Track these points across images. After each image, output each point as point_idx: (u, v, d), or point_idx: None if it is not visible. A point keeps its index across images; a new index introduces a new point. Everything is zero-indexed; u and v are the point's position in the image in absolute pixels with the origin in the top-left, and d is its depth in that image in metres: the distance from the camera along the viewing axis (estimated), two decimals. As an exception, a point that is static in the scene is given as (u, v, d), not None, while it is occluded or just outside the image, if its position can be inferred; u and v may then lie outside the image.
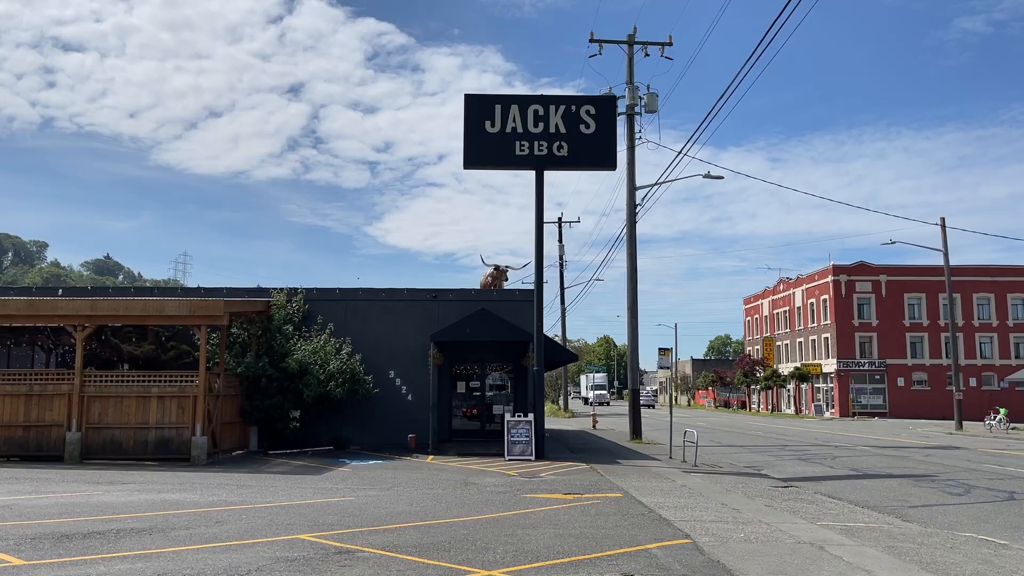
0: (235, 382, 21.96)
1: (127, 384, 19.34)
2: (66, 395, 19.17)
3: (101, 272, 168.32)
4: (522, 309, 24.61)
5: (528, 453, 21.12)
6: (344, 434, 24.01)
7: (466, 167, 22.58)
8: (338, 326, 24.47)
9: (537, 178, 22.54)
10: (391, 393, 24.76)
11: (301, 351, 22.87)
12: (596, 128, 22.36)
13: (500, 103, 22.40)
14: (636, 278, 31.02)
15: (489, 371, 26.82)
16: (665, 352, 23.18)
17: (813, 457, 24.14)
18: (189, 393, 19.24)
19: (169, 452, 19.16)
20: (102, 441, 19.20)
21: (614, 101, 23.34)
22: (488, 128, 22.26)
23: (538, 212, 22.60)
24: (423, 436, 23.36)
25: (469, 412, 26.91)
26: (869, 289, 70.24)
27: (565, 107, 22.38)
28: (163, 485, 14.97)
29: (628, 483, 16.36)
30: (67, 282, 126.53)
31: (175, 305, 19.50)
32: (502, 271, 32.12)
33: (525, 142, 22.18)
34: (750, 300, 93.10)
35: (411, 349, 24.59)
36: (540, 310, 22.31)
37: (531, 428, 21.38)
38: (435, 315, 24.89)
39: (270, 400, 22.32)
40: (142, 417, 19.21)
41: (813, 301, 74.78)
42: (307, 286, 25.24)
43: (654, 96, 32.36)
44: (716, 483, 16.84)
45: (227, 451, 21.31)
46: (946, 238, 45.63)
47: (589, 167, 23.01)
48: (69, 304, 19.36)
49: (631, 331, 30.74)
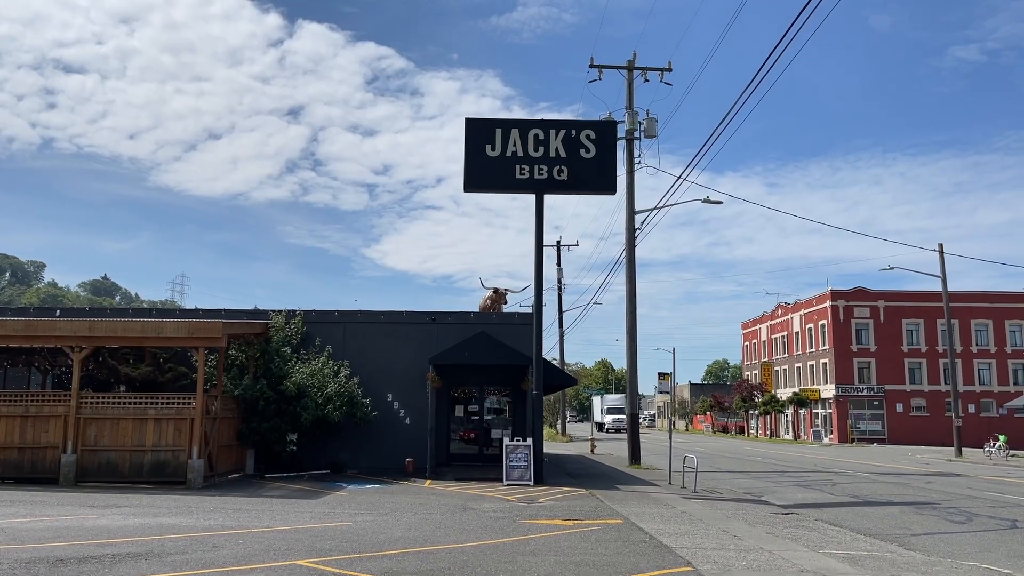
0: (232, 404, 21.84)
1: (124, 406, 19.22)
2: (62, 417, 19.03)
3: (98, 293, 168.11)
4: (521, 332, 24.55)
5: (527, 478, 20.97)
6: (341, 458, 23.84)
7: (467, 190, 22.63)
8: (336, 348, 24.38)
9: (537, 202, 22.58)
10: (389, 416, 24.63)
11: (299, 373, 22.77)
12: (596, 152, 22.43)
13: (500, 127, 22.50)
14: (635, 301, 31.01)
15: (487, 394, 26.73)
16: (664, 377, 23.09)
17: (813, 483, 23.99)
18: (186, 415, 19.12)
19: (165, 475, 18.99)
20: (98, 463, 19.04)
21: (614, 126, 23.45)
22: (488, 152, 22.33)
23: (538, 236, 22.61)
24: (421, 460, 23.20)
25: (467, 436, 26.77)
26: (867, 315, 70.26)
27: (565, 131, 22.48)
28: (159, 509, 14.82)
29: (628, 509, 16.23)
30: (64, 302, 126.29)
31: (173, 327, 19.42)
32: (501, 294, 32.05)
33: (525, 166, 22.24)
34: (748, 325, 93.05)
35: (409, 372, 24.50)
36: (539, 334, 22.26)
37: (530, 453, 21.24)
38: (434, 338, 24.82)
39: (267, 423, 22.18)
40: (138, 439, 19.06)
41: (811, 326, 74.75)
42: (305, 308, 25.19)
43: (653, 121, 32.53)
44: (716, 509, 16.71)
45: (223, 474, 21.14)
46: (944, 264, 45.73)
47: (589, 191, 23.06)
48: (67, 325, 19.28)
49: (630, 355, 30.66)
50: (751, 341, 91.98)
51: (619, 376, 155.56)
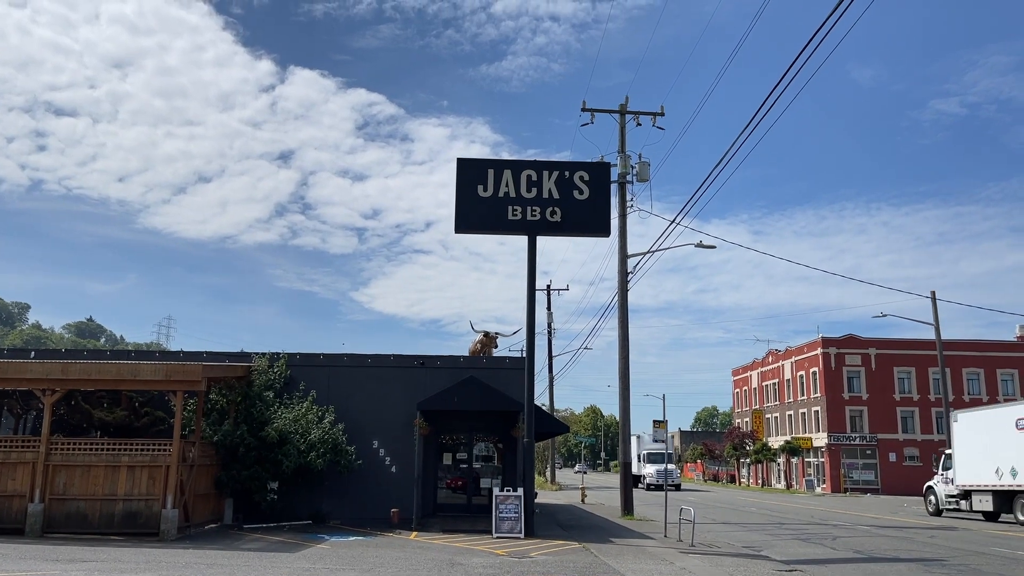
0: (211, 451, 20.96)
1: (95, 452, 18.32)
2: (30, 463, 18.10)
3: (83, 335, 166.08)
4: (512, 377, 23.85)
5: (517, 530, 20.10)
6: (324, 508, 22.89)
7: (458, 231, 22.13)
8: (321, 393, 23.59)
9: (530, 243, 22.09)
10: (374, 464, 23.75)
11: (281, 419, 21.94)
12: (590, 194, 22.04)
13: (493, 167, 22.12)
14: (628, 346, 30.38)
15: (476, 441, 25.92)
16: (660, 424, 22.40)
17: (812, 537, 23.18)
18: (161, 463, 18.23)
19: (137, 526, 18.03)
20: (66, 513, 18.06)
21: (608, 167, 23.13)
22: (480, 192, 21.91)
23: (530, 278, 22.07)
24: (407, 511, 22.28)
25: (455, 484, 25.87)
26: (859, 362, 69.81)
27: (559, 173, 22.10)
28: (126, 564, 13.92)
29: (624, 565, 15.41)
30: (47, 344, 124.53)
31: (150, 369, 18.63)
32: (492, 337, 31.38)
33: (518, 207, 21.81)
34: (739, 371, 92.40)
35: (396, 418, 23.70)
36: (531, 379, 21.58)
37: (520, 503, 20.40)
38: (422, 383, 24.07)
39: (247, 471, 21.29)
40: (110, 488, 18.13)
41: (803, 374, 74.20)
42: (291, 351, 24.43)
43: (646, 165, 32.32)
44: (716, 566, 15.91)
45: (200, 524, 20.17)
46: (937, 311, 45.45)
47: (582, 233, 22.61)
48: (40, 367, 18.46)
49: (623, 401, 29.92)
50: (742, 388, 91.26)
51: (608, 423, 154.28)
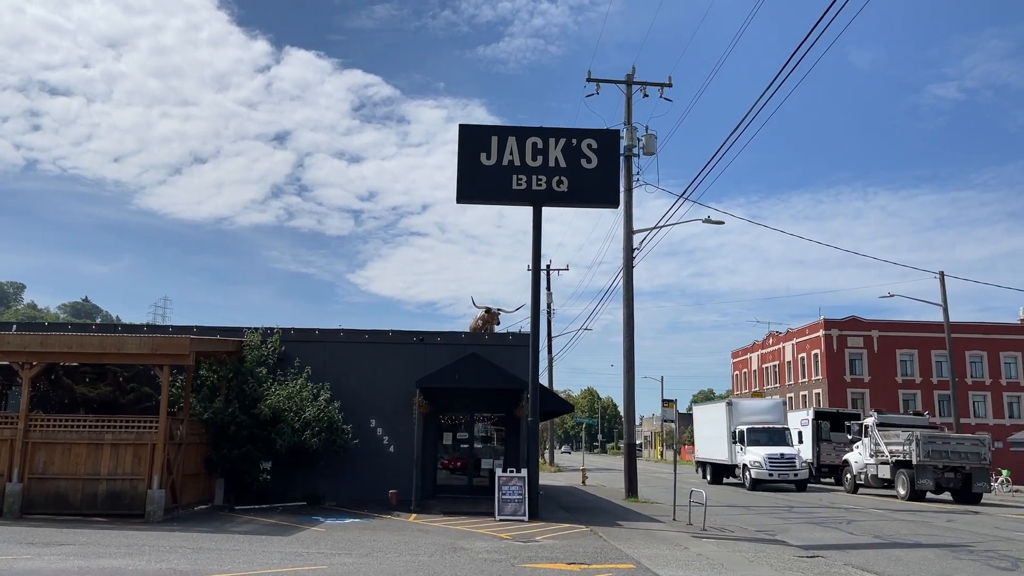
0: (201, 429, 20.02)
1: (77, 430, 17.36)
2: (8, 441, 17.14)
3: (79, 315, 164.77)
4: (515, 355, 22.91)
5: (521, 512, 19.24)
6: (319, 488, 22.00)
7: (459, 201, 21.11)
8: (316, 370, 22.63)
9: (535, 214, 21.08)
10: (372, 444, 22.85)
11: (275, 396, 20.99)
12: (598, 163, 21.00)
13: (497, 134, 21.05)
14: (633, 325, 29.45)
15: (477, 421, 25.00)
16: (669, 404, 21.52)
17: (826, 521, 22.36)
18: (147, 441, 17.28)
19: (121, 507, 17.11)
20: (46, 493, 17.13)
21: (618, 135, 22.03)
22: (483, 160, 20.86)
23: (535, 250, 21.08)
24: (405, 492, 21.38)
25: (453, 465, 24.99)
26: (861, 344, 69.14)
27: (566, 140, 21.04)
28: (106, 548, 13.00)
29: (637, 550, 14.55)
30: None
31: (135, 342, 17.64)
32: (494, 314, 30.39)
33: (523, 176, 20.77)
34: (738, 353, 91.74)
35: (394, 396, 22.77)
36: (536, 355, 20.64)
37: (524, 485, 19.53)
38: (421, 359, 23.12)
39: (239, 450, 20.37)
40: (92, 467, 17.19)
41: (804, 355, 73.50)
42: (284, 326, 23.46)
43: (652, 138, 31.28)
44: (733, 551, 15.06)
45: (189, 506, 19.27)
46: (945, 293, 44.59)
47: (590, 203, 21.59)
48: (17, 339, 17.48)
49: (627, 381, 29.03)
50: (741, 370, 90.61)
51: (605, 404, 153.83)
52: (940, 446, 31.45)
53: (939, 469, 30.94)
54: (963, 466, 31.11)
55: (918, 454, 31.02)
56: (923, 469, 30.95)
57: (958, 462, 31.13)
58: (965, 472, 31.10)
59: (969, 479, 31.13)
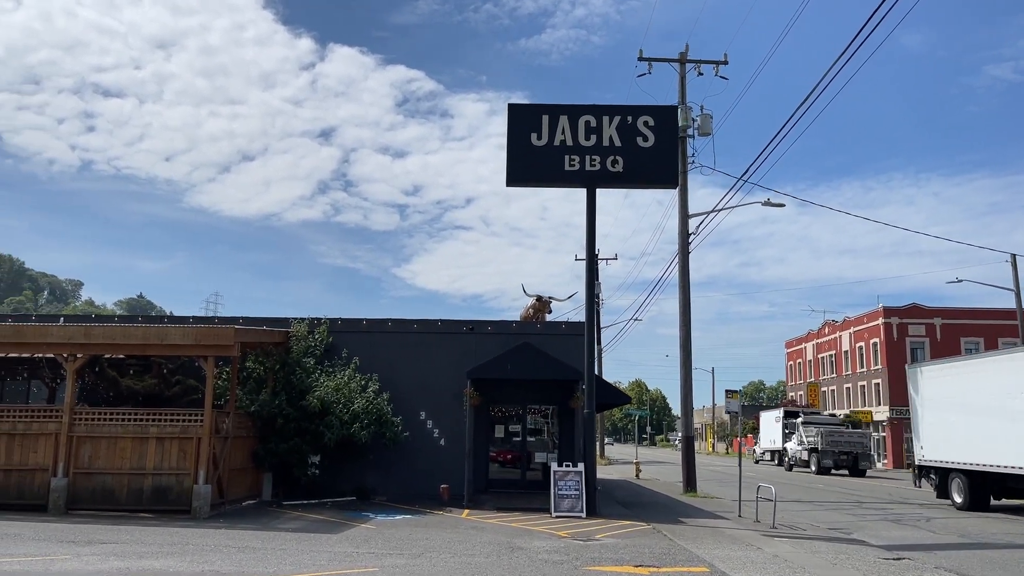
0: (248, 422, 19.49)
1: (122, 423, 16.92)
2: (53, 435, 16.78)
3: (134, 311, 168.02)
4: (569, 344, 21.97)
5: (578, 509, 18.34)
6: (368, 483, 21.36)
7: (509, 184, 20.18)
8: (364, 360, 21.96)
9: (589, 196, 20.07)
10: (422, 437, 22.13)
11: (323, 388, 20.39)
12: (655, 141, 19.88)
13: (548, 113, 20.06)
14: (689, 314, 28.27)
15: (530, 413, 24.11)
16: (733, 395, 20.38)
17: (903, 518, 21.03)
18: (192, 434, 16.77)
19: (167, 502, 16.63)
20: (92, 488, 16.73)
21: (675, 111, 20.93)
22: (534, 141, 19.90)
23: (589, 233, 20.09)
24: (457, 487, 20.62)
25: (504, 458, 24.15)
26: (923, 332, 66.51)
27: (620, 118, 19.97)
28: (148, 547, 12.43)
29: (706, 551, 13.54)
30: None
31: (179, 333, 17.13)
32: (545, 302, 29.44)
33: (575, 156, 19.76)
34: (792, 343, 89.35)
35: (444, 387, 22.01)
36: (592, 343, 19.66)
37: (581, 480, 18.62)
38: (472, 350, 22.31)
39: (286, 443, 19.80)
40: (138, 461, 16.74)
41: (862, 345, 71.10)
42: (331, 316, 22.85)
43: (708, 118, 29.96)
44: (811, 552, 13.95)
45: (236, 501, 18.75)
46: (1017, 276, 42.34)
47: (646, 184, 20.53)
48: (61, 331, 17.10)
49: (684, 372, 27.88)
50: (796, 360, 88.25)
51: (654, 397, 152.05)
52: (837, 437, 45.87)
53: (836, 453, 44.99)
54: (852, 451, 45.15)
55: (822, 443, 45.35)
56: (825, 453, 45.16)
57: (849, 448, 45.12)
58: (854, 455, 45.00)
59: (856, 460, 44.92)
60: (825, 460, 44.90)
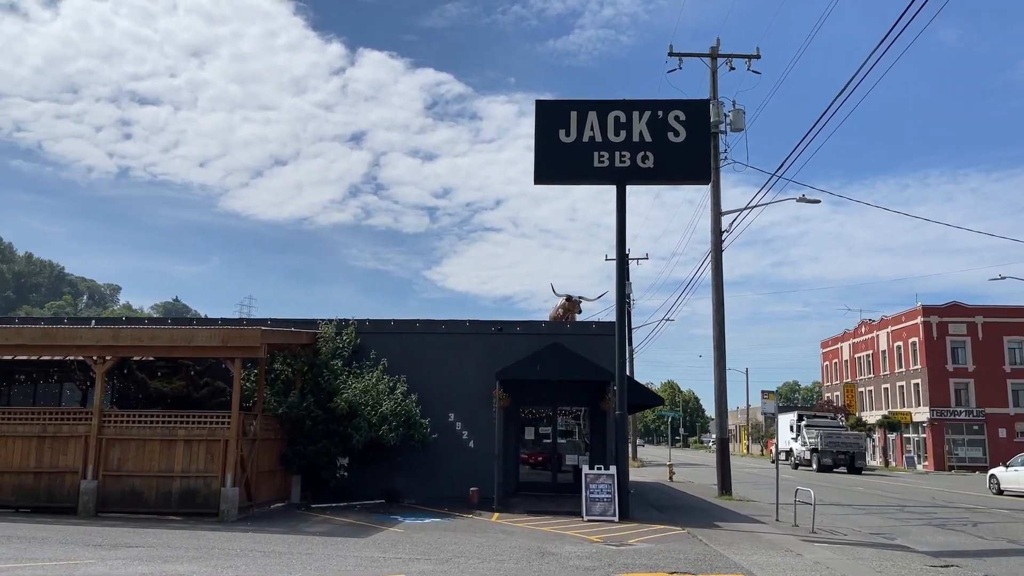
0: (276, 424, 19.37)
1: (150, 425, 16.85)
2: (82, 437, 16.75)
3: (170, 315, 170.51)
4: (599, 344, 21.57)
5: (610, 512, 17.93)
6: (397, 486, 21.14)
7: (537, 182, 19.84)
8: (392, 362, 21.77)
9: (619, 193, 19.67)
10: (450, 439, 21.87)
11: (351, 390, 20.21)
12: (686, 136, 19.44)
13: (576, 109, 19.71)
14: (723, 313, 27.72)
15: (560, 414, 23.73)
16: (769, 396, 19.87)
17: (948, 522, 20.33)
18: (219, 436, 16.65)
19: (195, 505, 16.52)
20: (121, 491, 16.67)
21: (707, 105, 20.42)
22: (562, 137, 19.56)
23: (620, 231, 19.71)
24: (487, 489, 20.32)
25: (534, 460, 23.79)
26: (964, 331, 64.96)
27: (651, 113, 19.55)
28: (174, 551, 12.27)
29: (744, 557, 13.08)
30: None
31: (206, 335, 17.03)
32: (575, 302, 29.05)
33: (604, 152, 19.39)
34: (828, 343, 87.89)
35: (473, 389, 21.73)
36: (623, 343, 19.26)
37: (613, 483, 18.21)
38: (500, 350, 22.00)
39: (314, 445, 19.64)
40: (166, 464, 16.65)
41: (900, 344, 69.66)
42: (359, 317, 22.68)
43: (740, 113, 29.45)
44: (854, 559, 13.42)
45: (265, 504, 18.62)
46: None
47: (678, 180, 20.08)
48: (89, 333, 17.09)
49: (718, 372, 27.31)
50: (831, 360, 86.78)
51: (687, 399, 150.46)
52: (835, 438, 49.20)
53: (834, 453, 48.11)
54: (849, 451, 48.42)
55: (822, 443, 48.52)
56: (824, 453, 48.18)
57: (846, 448, 48.45)
58: (851, 454, 48.27)
59: (853, 458, 48.12)
60: (824, 459, 48.05)
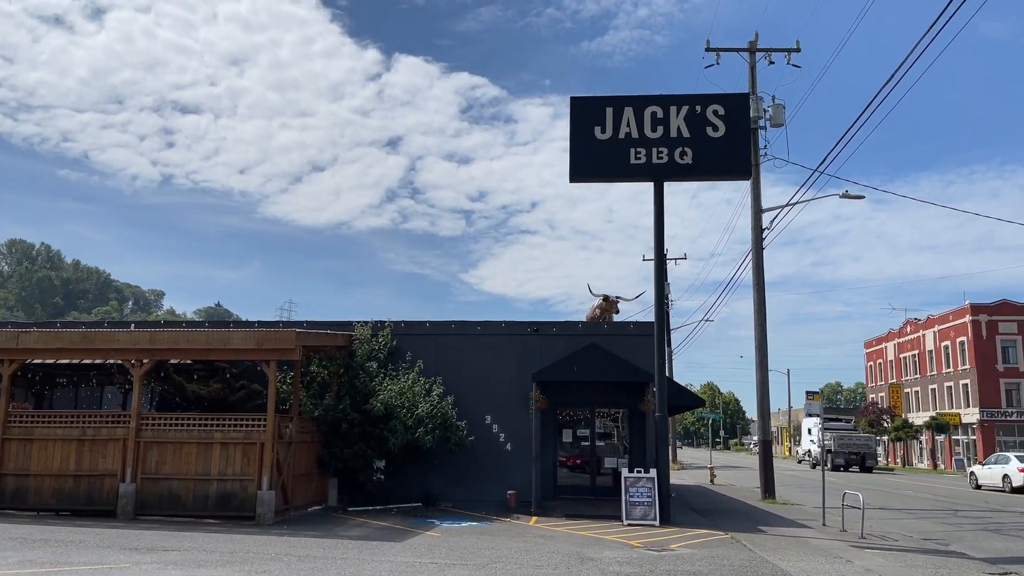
0: (312, 427, 19.29)
1: (187, 428, 16.85)
2: (121, 440, 16.80)
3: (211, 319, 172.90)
4: (638, 345, 21.17)
5: (651, 517, 17.53)
6: (433, 489, 20.94)
7: (572, 180, 19.50)
8: (428, 363, 21.59)
9: (656, 190, 19.27)
10: (487, 441, 21.62)
11: (387, 392, 20.07)
12: (725, 131, 18.97)
13: (611, 105, 19.33)
14: (764, 313, 27.11)
15: (599, 416, 23.34)
16: (815, 396, 19.29)
17: (1005, 527, 19.55)
18: (255, 439, 16.58)
19: (231, 508, 16.47)
20: (159, 494, 16.69)
21: (747, 99, 19.89)
22: (598, 134, 19.20)
23: (658, 228, 19.29)
24: (524, 493, 20.04)
25: (572, 463, 23.42)
26: (1014, 330, 63.11)
27: (688, 107, 19.12)
28: (209, 555, 12.17)
29: (791, 563, 12.61)
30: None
31: (241, 337, 17.00)
32: (612, 302, 28.65)
33: (641, 149, 18.99)
34: (872, 343, 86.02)
35: (509, 390, 21.47)
36: (662, 343, 18.84)
37: (654, 486, 17.80)
38: (537, 352, 21.72)
39: (351, 448, 19.52)
40: (203, 467, 16.63)
41: (947, 344, 67.89)
42: (395, 319, 22.55)
43: (780, 108, 28.82)
44: (907, 566, 12.87)
45: (302, 507, 18.54)
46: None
47: (717, 176, 19.63)
48: (126, 336, 17.14)
49: (760, 373, 26.72)
50: (875, 361, 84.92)
51: (727, 400, 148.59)
52: (847, 440, 52.48)
53: (847, 453, 51.42)
54: (860, 452, 51.80)
55: (835, 445, 51.09)
56: (837, 454, 51.15)
57: (857, 449, 51.85)
58: (861, 455, 51.63)
59: (864, 458, 51.49)
60: (837, 459, 51.02)
